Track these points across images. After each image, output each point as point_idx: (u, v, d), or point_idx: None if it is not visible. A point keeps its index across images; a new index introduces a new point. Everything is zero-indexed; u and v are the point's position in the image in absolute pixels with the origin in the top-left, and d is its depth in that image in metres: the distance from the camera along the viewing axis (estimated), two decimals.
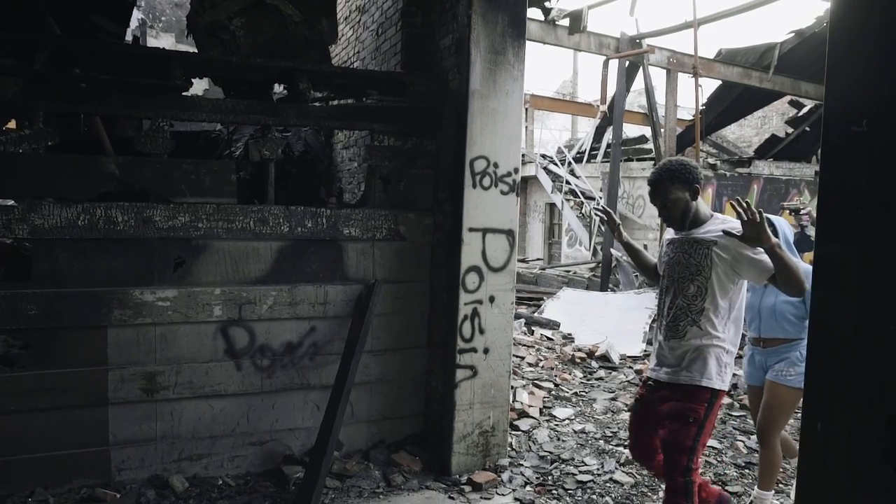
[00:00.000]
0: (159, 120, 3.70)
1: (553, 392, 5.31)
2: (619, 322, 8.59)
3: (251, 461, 4.00)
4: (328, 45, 4.55)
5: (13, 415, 3.51)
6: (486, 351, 4.04)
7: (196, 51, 4.99)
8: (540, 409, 4.91)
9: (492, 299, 4.04)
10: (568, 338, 7.29)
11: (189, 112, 3.81)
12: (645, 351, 7.11)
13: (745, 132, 17.33)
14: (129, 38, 7.26)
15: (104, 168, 3.63)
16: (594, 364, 6.40)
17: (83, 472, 3.66)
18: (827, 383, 1.51)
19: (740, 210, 2.48)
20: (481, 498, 3.71)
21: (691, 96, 11.51)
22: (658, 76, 12.41)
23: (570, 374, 5.92)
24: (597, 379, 5.96)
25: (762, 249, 2.55)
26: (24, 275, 3.57)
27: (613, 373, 6.18)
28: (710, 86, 13.86)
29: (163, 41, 8.61)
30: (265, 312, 3.95)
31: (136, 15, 7.35)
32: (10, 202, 3.53)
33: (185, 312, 3.78)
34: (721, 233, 2.68)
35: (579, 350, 6.70)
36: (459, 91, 4.05)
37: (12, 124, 12.36)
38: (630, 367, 6.43)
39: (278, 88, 5.29)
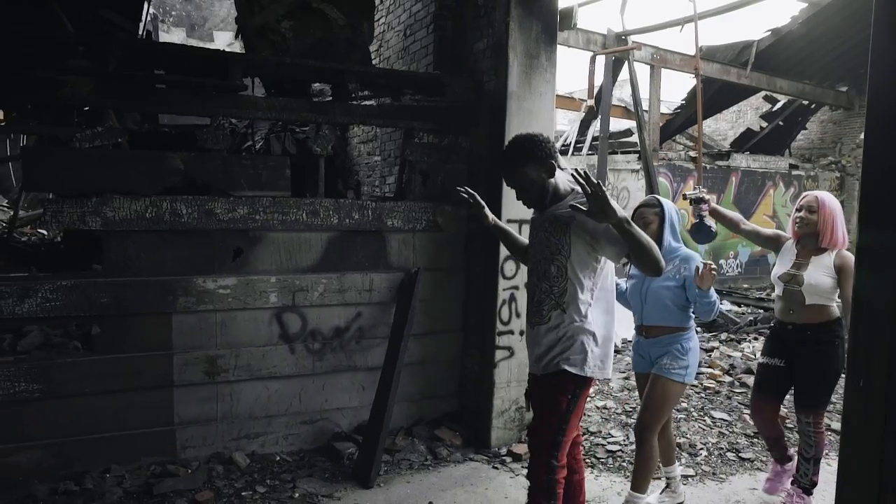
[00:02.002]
0: (220, 118, 3.92)
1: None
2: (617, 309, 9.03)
3: (303, 438, 4.26)
4: (368, 46, 4.79)
5: (88, 397, 3.72)
6: (521, 333, 4.36)
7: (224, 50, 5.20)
8: None
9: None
10: None
11: (246, 110, 4.04)
12: None
13: (721, 126, 17.91)
14: (141, 32, 7.37)
15: (170, 163, 3.84)
16: None
17: (151, 450, 3.88)
18: (868, 348, 1.84)
19: (581, 182, 2.29)
20: (522, 467, 4.03)
21: (672, 91, 11.95)
22: (641, 72, 12.84)
23: None
24: None
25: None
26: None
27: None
28: (688, 81, 14.35)
29: (174, 36, 8.67)
30: (316, 299, 4.21)
31: (148, 10, 7.44)
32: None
33: (244, 299, 4.02)
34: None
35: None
36: (496, 92, 4.33)
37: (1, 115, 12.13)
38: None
39: (316, 87, 5.52)
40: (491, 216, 3.19)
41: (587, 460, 4.14)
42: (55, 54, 3.57)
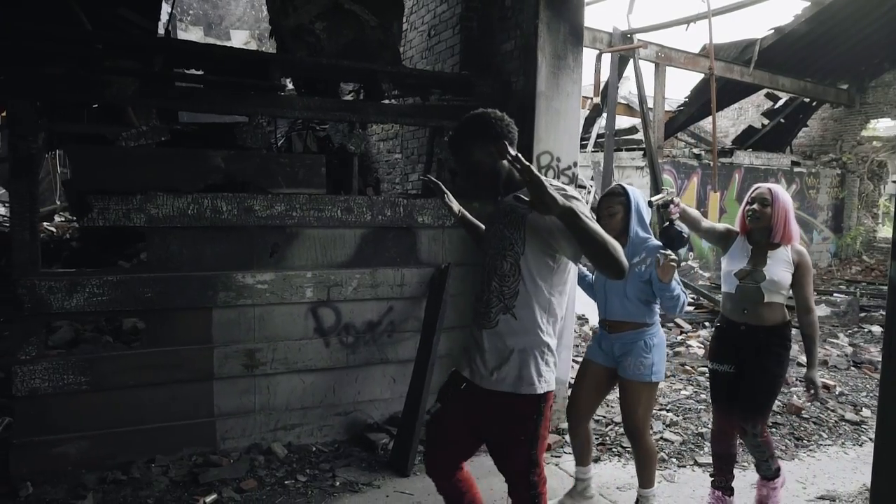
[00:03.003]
0: (258, 117, 4.02)
1: None
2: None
3: (337, 430, 4.38)
4: (398, 46, 4.89)
5: (132, 389, 3.83)
6: None
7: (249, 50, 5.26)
8: None
9: None
10: (582, 318, 7.79)
11: (283, 109, 4.14)
12: None
13: (722, 123, 18.06)
14: (160, 31, 7.45)
15: (211, 162, 3.95)
16: None
17: (192, 441, 3.99)
18: None
19: (515, 166, 1.99)
20: (552, 456, 4.16)
21: (675, 89, 12.10)
22: (646, 70, 12.97)
23: None
24: None
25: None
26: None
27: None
28: (692, 79, 14.48)
29: (192, 34, 8.74)
30: (350, 294, 4.32)
31: (165, 8, 7.51)
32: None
33: (281, 294, 4.13)
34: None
35: (595, 329, 7.19)
36: (524, 92, 4.45)
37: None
38: None
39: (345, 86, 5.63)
40: (457, 206, 2.98)
41: (613, 449, 4.26)
42: (103, 54, 3.66)
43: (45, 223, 13.96)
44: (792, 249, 3.27)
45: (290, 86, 5.94)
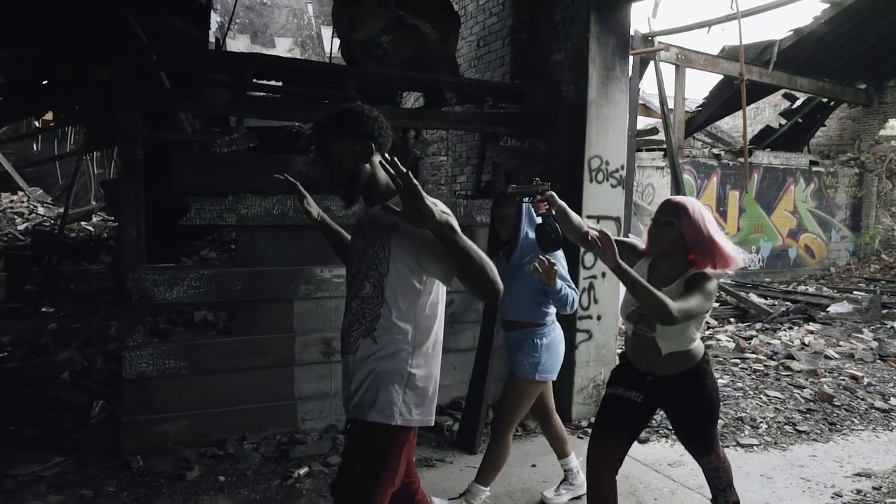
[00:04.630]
0: None
1: None
2: None
3: None
4: (455, 57, 5.25)
5: (224, 373, 4.20)
6: (599, 318, 4.83)
7: (270, 59, 5.58)
8: None
9: (603, 275, 4.82)
10: None
11: None
12: None
13: (739, 122, 18.28)
14: (211, 40, 7.83)
15: (294, 166, 4.31)
16: None
17: (276, 422, 4.36)
18: None
19: (392, 171, 1.80)
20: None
21: (692, 90, 12.35)
22: (666, 71, 13.25)
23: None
24: None
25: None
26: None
27: None
28: (710, 80, 14.75)
29: (239, 42, 9.14)
30: None
31: (215, 18, 7.89)
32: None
33: None
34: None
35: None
36: (575, 100, 4.79)
37: (50, 115, 12.63)
38: None
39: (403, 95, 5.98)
40: (316, 211, 2.67)
41: (660, 431, 4.61)
42: (200, 69, 4.04)
43: (82, 222, 14.43)
44: (688, 276, 2.59)
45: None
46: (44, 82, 11.07)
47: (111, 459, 3.95)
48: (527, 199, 2.98)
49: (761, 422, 4.80)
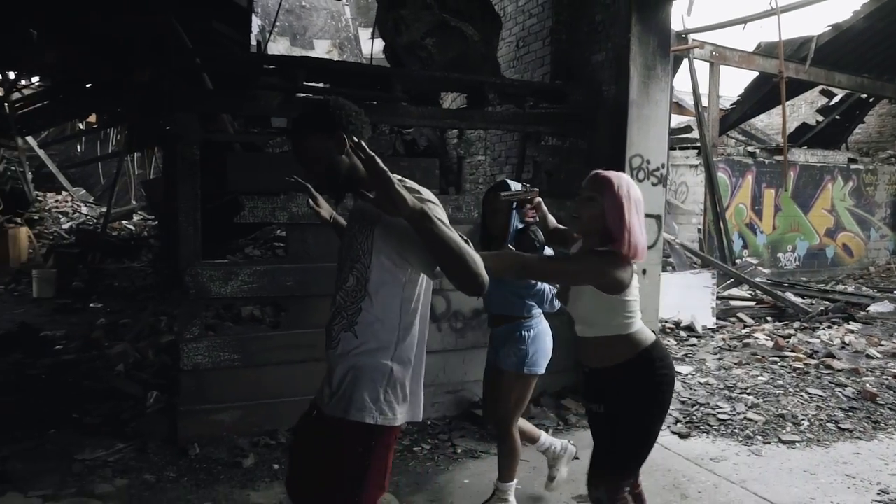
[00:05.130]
0: (381, 125, 4.51)
1: None
2: (684, 299, 9.47)
3: (447, 406, 4.85)
4: (497, 58, 5.35)
5: (276, 366, 4.35)
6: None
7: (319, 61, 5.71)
8: None
9: (644, 272, 4.86)
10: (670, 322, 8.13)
11: (402, 118, 4.62)
12: (717, 323, 7.97)
13: (775, 119, 18.07)
14: (253, 43, 8.03)
15: None
16: (682, 333, 7.27)
17: None
18: None
19: (360, 156, 1.76)
20: None
21: (726, 87, 12.26)
22: (700, 69, 13.17)
23: (664, 341, 6.78)
24: (690, 345, 6.83)
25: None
26: None
27: (702, 340, 7.05)
28: (745, 77, 14.60)
29: (280, 45, 9.36)
30: None
31: (256, 21, 8.10)
32: None
33: None
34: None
35: (665, 322, 7.55)
36: (615, 100, 4.85)
37: (93, 117, 13.05)
38: (711, 336, 7.30)
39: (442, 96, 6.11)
40: (327, 209, 2.64)
41: (701, 427, 4.65)
42: (253, 73, 4.19)
43: (123, 221, 14.83)
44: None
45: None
46: (87, 85, 11.45)
47: (169, 447, 4.13)
48: (515, 205, 2.95)
49: (803, 419, 4.82)
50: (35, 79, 12.91)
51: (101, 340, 6.52)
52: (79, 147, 16.18)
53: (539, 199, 2.83)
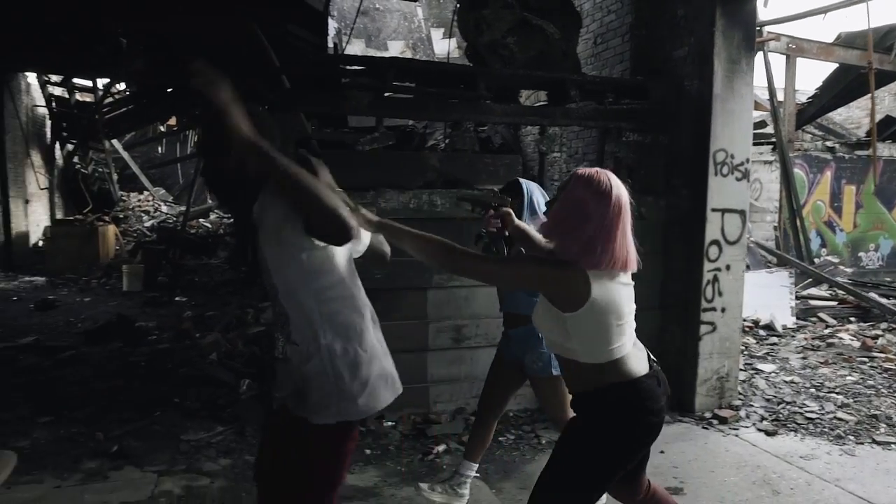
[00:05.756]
0: (466, 123, 4.62)
1: (743, 353, 6.08)
2: (761, 298, 9.26)
3: (528, 399, 4.90)
4: (577, 55, 5.39)
5: None
6: (723, 310, 4.85)
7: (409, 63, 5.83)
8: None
9: (728, 267, 4.83)
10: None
11: (485, 116, 4.73)
12: (796, 323, 7.77)
13: (854, 113, 17.39)
14: (329, 45, 8.28)
15: (428, 162, 4.59)
16: (761, 332, 7.13)
17: (411, 403, 4.64)
18: None
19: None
20: (730, 429, 4.53)
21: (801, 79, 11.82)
22: (776, 61, 12.80)
23: (743, 339, 6.66)
24: (770, 344, 6.70)
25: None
26: None
27: (783, 339, 6.89)
28: (823, 69, 14.08)
29: (354, 47, 9.64)
30: None
31: (332, 24, 8.35)
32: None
33: None
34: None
35: (744, 320, 7.41)
36: (698, 95, 4.82)
37: (173, 120, 13.66)
38: (792, 336, 7.13)
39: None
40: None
41: (788, 425, 4.58)
42: (337, 73, 4.37)
43: (201, 219, 15.46)
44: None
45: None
46: (168, 90, 12.01)
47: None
48: (476, 210, 2.62)
49: None
50: (120, 85, 13.62)
51: (191, 331, 6.88)
52: (160, 149, 16.96)
53: (508, 209, 2.50)
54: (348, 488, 3.68)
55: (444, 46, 10.40)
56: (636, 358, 2.12)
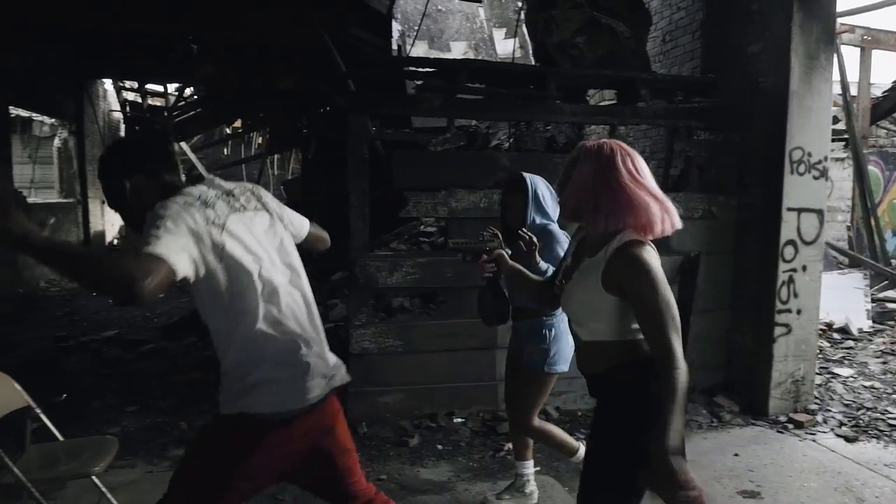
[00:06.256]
0: (535, 123, 4.65)
1: (818, 356, 5.91)
2: (833, 300, 8.95)
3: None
4: (647, 53, 5.35)
5: (435, 353, 4.60)
6: (798, 312, 4.73)
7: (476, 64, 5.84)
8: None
9: (804, 268, 4.71)
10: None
11: (555, 116, 4.75)
12: (872, 327, 7.49)
13: None
14: (394, 47, 8.42)
15: (498, 162, 4.63)
16: (835, 335, 6.91)
17: (480, 400, 4.71)
18: None
19: None
20: (806, 433, 4.43)
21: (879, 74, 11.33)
22: (848, 54, 12.32)
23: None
24: (846, 348, 6.48)
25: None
26: None
27: (859, 343, 6.66)
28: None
29: (418, 48, 9.80)
30: None
31: (396, 26, 8.48)
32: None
33: None
34: None
35: None
36: (773, 92, 4.71)
37: (238, 123, 14.00)
38: (869, 339, 6.88)
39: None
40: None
41: (870, 431, 4.44)
42: (403, 76, 4.46)
43: None
44: (612, 249, 1.89)
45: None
46: (235, 93, 12.40)
47: None
48: (468, 258, 2.57)
49: None
50: (188, 90, 14.13)
51: None
52: (225, 150, 17.50)
53: (500, 252, 2.44)
54: (422, 482, 3.77)
55: (506, 46, 10.42)
56: None
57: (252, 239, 1.91)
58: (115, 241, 12.92)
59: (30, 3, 6.54)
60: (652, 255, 1.87)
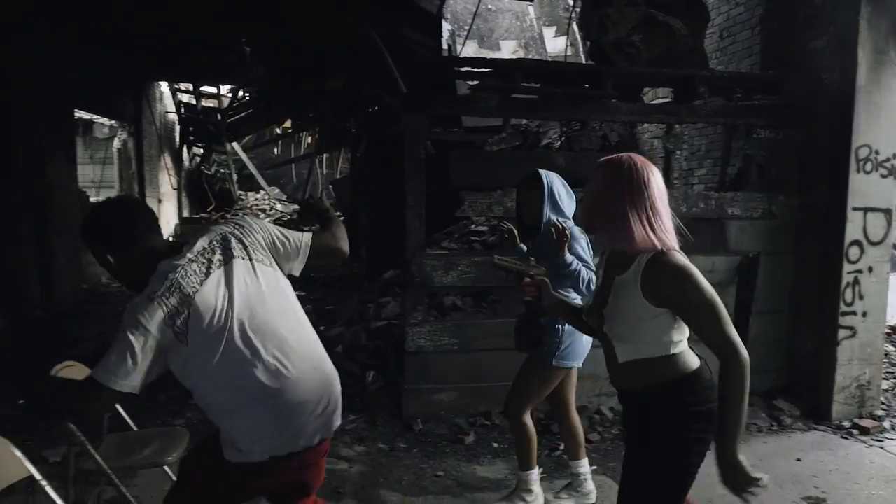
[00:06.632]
0: (591, 122, 4.63)
1: (884, 360, 5.72)
2: None
3: None
4: (705, 51, 5.28)
5: (489, 351, 4.62)
6: (864, 314, 4.61)
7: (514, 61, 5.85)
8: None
9: (870, 269, 4.58)
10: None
11: (612, 115, 4.72)
12: None
13: None
14: (444, 47, 8.47)
15: (554, 161, 4.62)
16: None
17: None
18: None
19: None
20: (872, 440, 4.31)
21: None
22: None
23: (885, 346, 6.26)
24: None
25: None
26: None
27: None
28: None
29: (468, 48, 9.88)
30: None
31: (446, 26, 8.52)
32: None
33: None
34: None
35: None
36: (840, 88, 4.59)
37: (288, 123, 14.27)
38: None
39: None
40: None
41: None
42: (469, 77, 4.49)
43: None
44: (645, 259, 1.90)
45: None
46: (285, 94, 12.65)
47: (394, 421, 4.55)
48: (511, 277, 2.61)
49: None
50: (240, 91, 14.47)
51: (314, 324, 7.23)
52: (275, 150, 17.86)
53: (544, 279, 2.36)
54: (479, 479, 3.81)
55: (556, 45, 10.38)
56: (688, 350, 2.00)
57: (232, 294, 1.97)
58: (171, 239, 13.31)
59: (96, 13, 6.81)
60: (685, 259, 1.91)
